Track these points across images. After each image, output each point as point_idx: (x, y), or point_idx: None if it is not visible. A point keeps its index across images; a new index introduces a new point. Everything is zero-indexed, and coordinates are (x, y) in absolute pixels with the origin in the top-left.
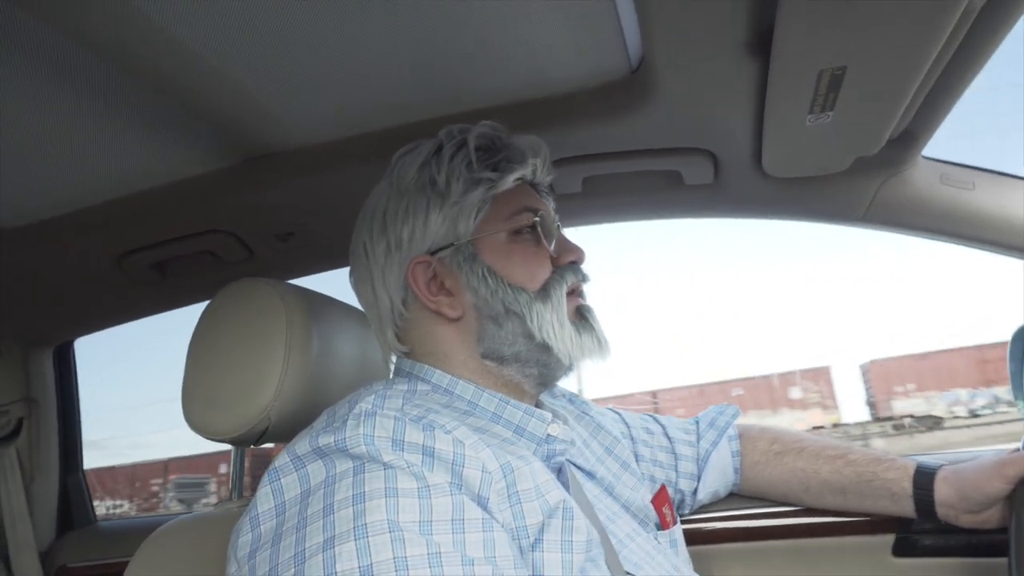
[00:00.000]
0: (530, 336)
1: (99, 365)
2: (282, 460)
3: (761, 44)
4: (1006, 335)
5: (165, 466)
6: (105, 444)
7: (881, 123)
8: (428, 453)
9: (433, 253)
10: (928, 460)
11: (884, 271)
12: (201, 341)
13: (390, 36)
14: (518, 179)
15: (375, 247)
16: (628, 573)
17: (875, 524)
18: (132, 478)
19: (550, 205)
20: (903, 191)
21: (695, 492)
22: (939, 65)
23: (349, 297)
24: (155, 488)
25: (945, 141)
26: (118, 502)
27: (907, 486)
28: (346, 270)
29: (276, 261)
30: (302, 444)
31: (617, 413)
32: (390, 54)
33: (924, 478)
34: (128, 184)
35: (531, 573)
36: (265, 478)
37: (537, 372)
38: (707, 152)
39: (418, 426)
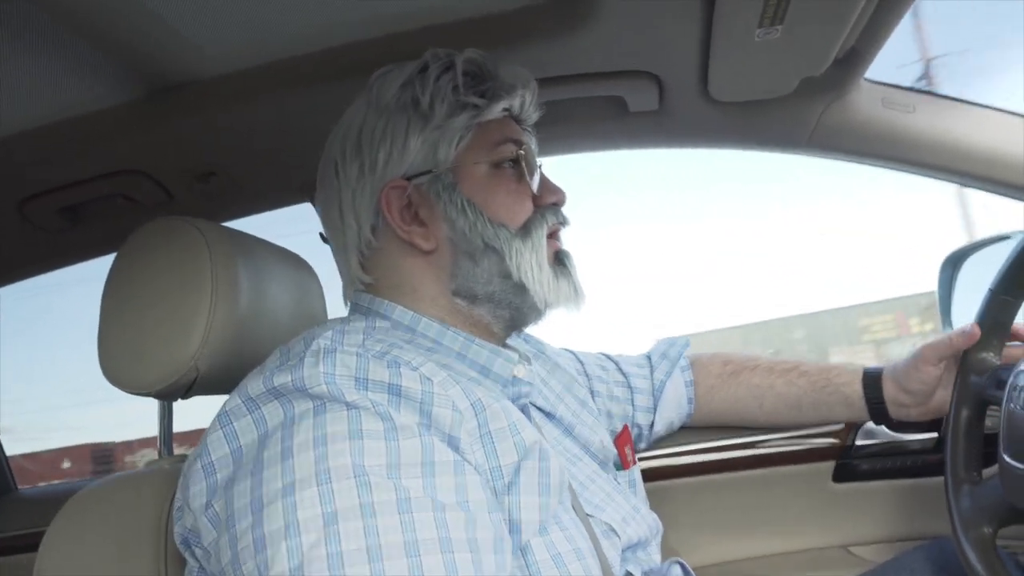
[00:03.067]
0: (507, 275)
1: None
2: (233, 402)
3: None
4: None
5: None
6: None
7: (829, 38)
8: (394, 392)
9: (410, 179)
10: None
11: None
12: (116, 287)
13: None
14: (505, 109)
15: (347, 167)
16: (588, 515)
17: (815, 452)
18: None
19: (532, 142)
20: (846, 115)
21: (652, 425)
22: None
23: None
24: None
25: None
26: None
27: (858, 388)
28: (278, 213)
29: (197, 205)
30: (255, 384)
31: (571, 352)
32: None
33: (872, 379)
34: (29, 120)
35: (506, 516)
36: (215, 422)
37: (509, 314)
38: (652, 76)
39: (382, 362)
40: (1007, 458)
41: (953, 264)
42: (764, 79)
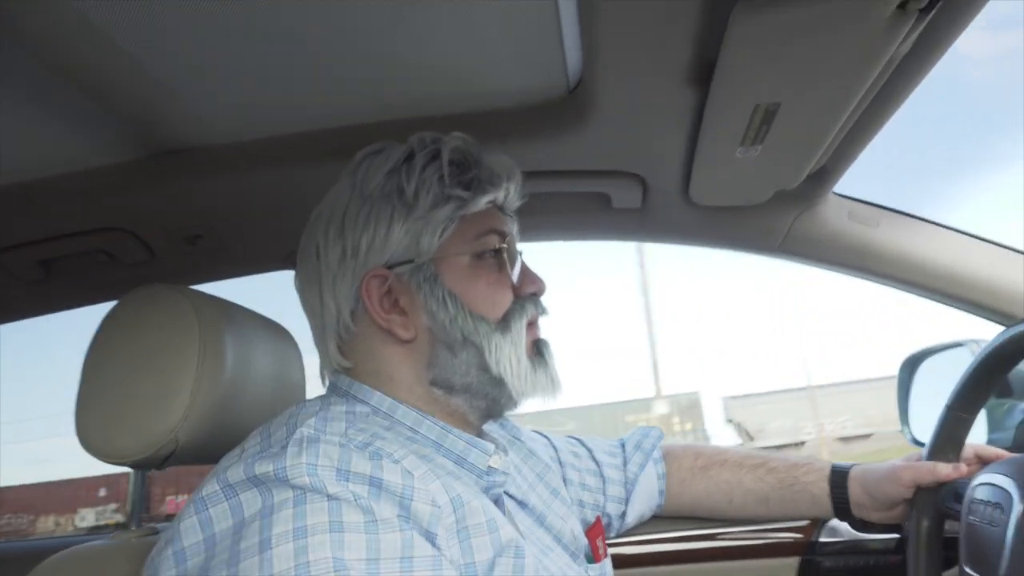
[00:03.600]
0: (485, 369)
1: None
2: (210, 488)
3: (702, 75)
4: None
5: None
6: None
7: (804, 158)
8: (376, 484)
9: (391, 267)
10: (840, 463)
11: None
12: (101, 351)
13: (321, 35)
14: (490, 201)
15: (329, 250)
16: None
17: (781, 547)
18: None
19: (514, 229)
20: (815, 225)
21: (623, 516)
22: (860, 106)
23: (257, 307)
24: None
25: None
26: None
27: (825, 487)
28: (255, 279)
29: (180, 265)
30: (235, 471)
31: (545, 436)
32: (318, 54)
33: (839, 477)
34: (17, 172)
35: None
36: (189, 507)
37: (485, 404)
38: (637, 177)
39: (364, 454)
40: (967, 569)
41: (910, 366)
42: (741, 189)
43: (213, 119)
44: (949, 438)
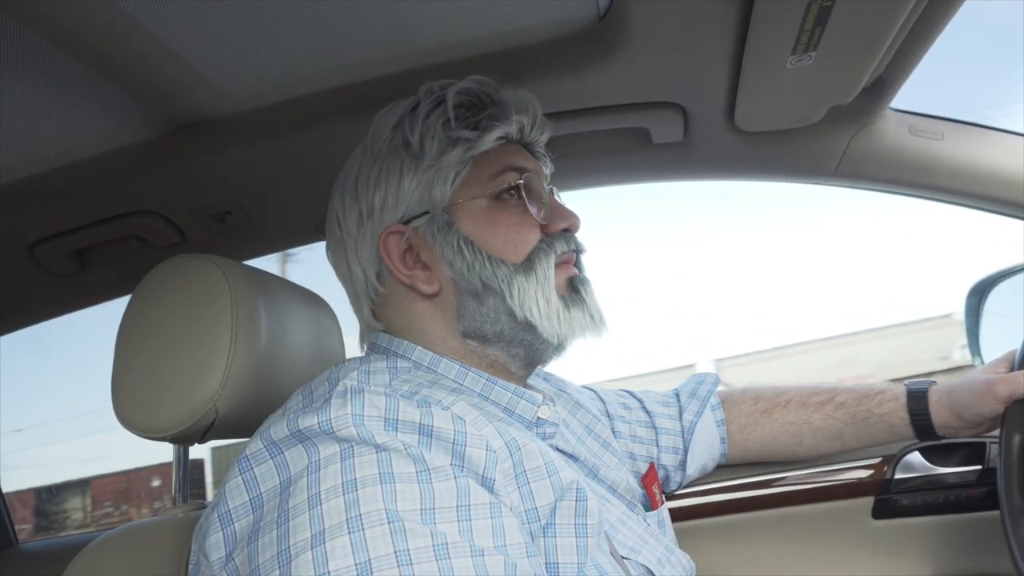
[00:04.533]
0: (511, 313)
1: None
2: (254, 447)
3: None
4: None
5: None
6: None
7: (860, 66)
8: (425, 432)
9: (407, 222)
10: (914, 383)
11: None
12: (132, 326)
13: None
14: (500, 138)
15: (347, 217)
16: (624, 558)
17: (852, 487)
18: None
19: (547, 168)
20: (873, 143)
21: (683, 466)
22: (917, 8)
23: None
24: None
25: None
26: None
27: (904, 415)
28: (293, 251)
29: (212, 245)
30: (278, 428)
31: (592, 390)
32: (335, 9)
33: (918, 403)
34: (41, 161)
35: (543, 559)
36: (235, 468)
37: (523, 352)
38: (677, 106)
39: (412, 402)
40: None
41: (980, 293)
42: (792, 108)
43: (229, 87)
44: None
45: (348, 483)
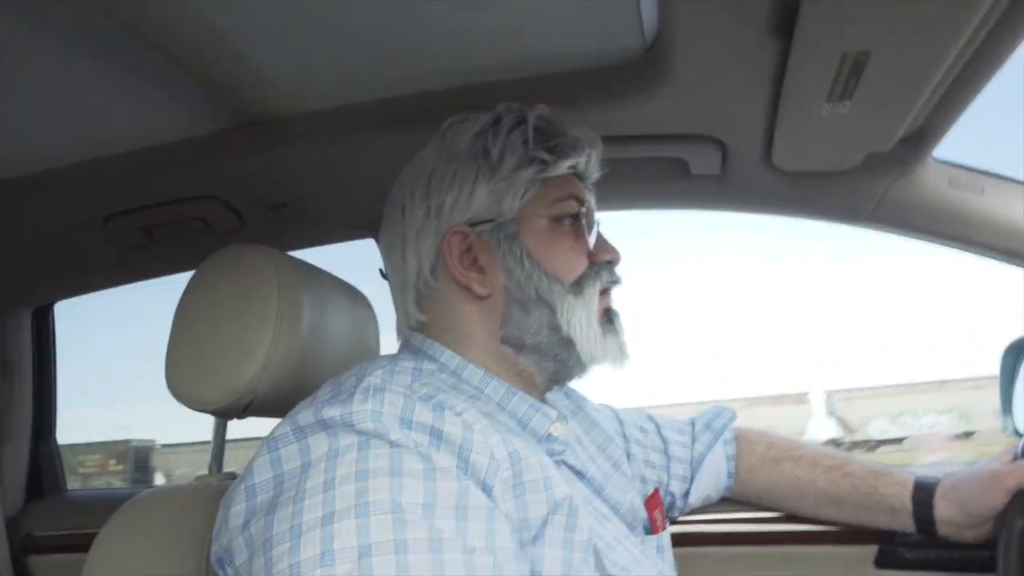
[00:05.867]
0: (556, 328)
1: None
2: (282, 430)
3: (783, 25)
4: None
5: None
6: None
7: (898, 116)
8: (436, 435)
9: (473, 226)
10: (926, 474)
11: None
12: (188, 307)
13: (399, 5)
14: (570, 167)
15: (415, 209)
16: None
17: (857, 534)
18: None
19: (592, 200)
20: (912, 192)
21: (686, 495)
22: (959, 60)
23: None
24: None
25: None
26: None
27: (907, 502)
28: (338, 247)
29: (267, 232)
30: (305, 414)
31: (611, 410)
32: (397, 22)
33: (923, 494)
34: (119, 143)
35: (529, 568)
36: (263, 447)
37: (553, 367)
38: (716, 140)
39: (428, 405)
40: None
41: (1016, 352)
42: (829, 152)
43: (295, 89)
44: None
45: (361, 472)
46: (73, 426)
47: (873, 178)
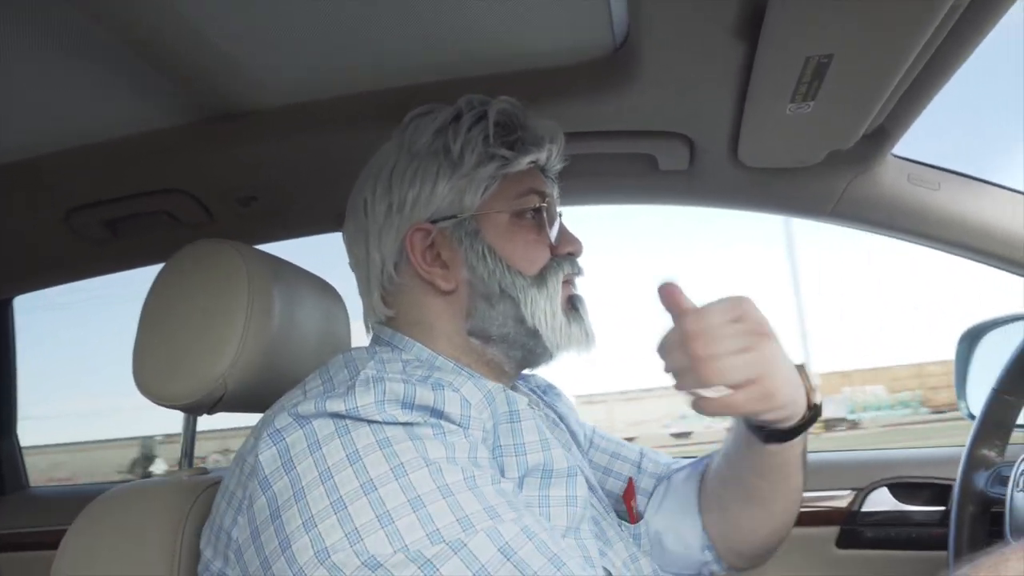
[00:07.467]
0: (521, 320)
1: None
2: (283, 421)
3: (750, 28)
4: None
5: None
6: None
7: (859, 116)
8: (437, 414)
9: (435, 222)
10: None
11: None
12: (157, 301)
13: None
14: (532, 162)
15: (376, 205)
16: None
17: (821, 516)
18: None
19: (554, 191)
20: (871, 188)
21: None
22: (919, 62)
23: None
24: None
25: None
26: None
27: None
28: (306, 240)
29: (236, 226)
30: (305, 406)
31: (591, 426)
32: (370, 17)
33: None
34: (83, 135)
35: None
36: (266, 440)
37: (521, 355)
38: (684, 137)
39: (427, 385)
40: (1012, 540)
41: (970, 339)
42: (793, 149)
43: (266, 83)
44: (996, 424)
45: (382, 440)
46: None
47: (835, 174)
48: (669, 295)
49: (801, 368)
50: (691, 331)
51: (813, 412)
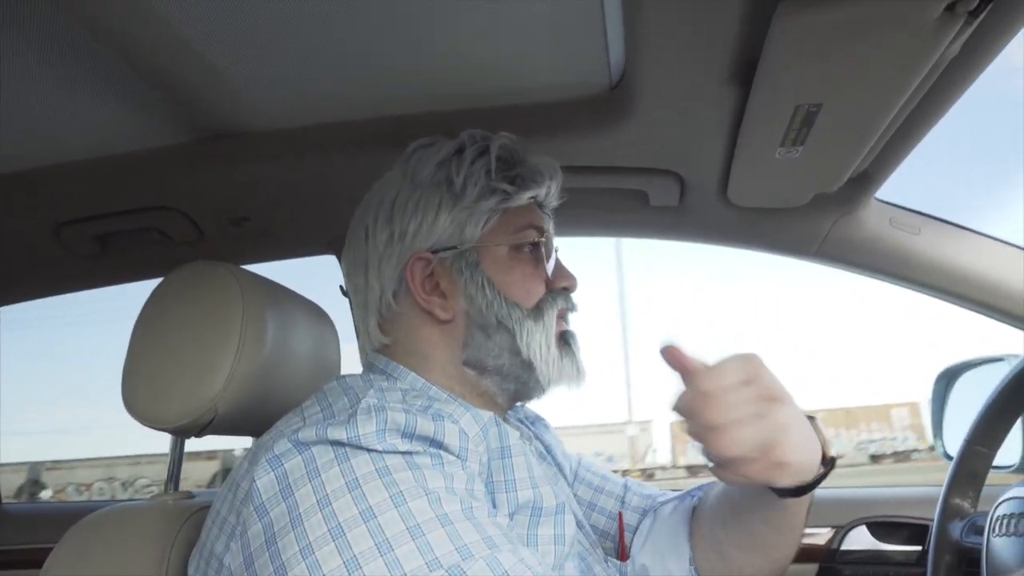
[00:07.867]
0: (516, 352)
1: None
2: (282, 447)
3: (743, 74)
4: None
5: None
6: None
7: (845, 161)
8: (436, 446)
9: (435, 252)
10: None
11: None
12: (148, 322)
13: (368, 26)
14: (532, 197)
15: (378, 234)
16: None
17: (800, 553)
18: None
19: (551, 227)
20: (854, 230)
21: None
22: (904, 111)
23: (298, 288)
24: None
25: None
26: None
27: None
28: (295, 262)
29: (227, 246)
30: (306, 432)
31: (575, 456)
32: (368, 46)
33: None
34: (77, 150)
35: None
36: (264, 465)
37: (514, 387)
38: (675, 175)
39: (427, 416)
40: None
41: (947, 379)
42: (780, 191)
43: (262, 105)
44: (969, 475)
45: (381, 469)
46: None
47: (820, 216)
48: (673, 358)
49: (813, 421)
50: (702, 394)
51: (828, 467)
